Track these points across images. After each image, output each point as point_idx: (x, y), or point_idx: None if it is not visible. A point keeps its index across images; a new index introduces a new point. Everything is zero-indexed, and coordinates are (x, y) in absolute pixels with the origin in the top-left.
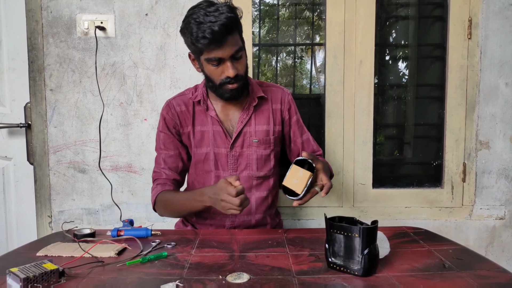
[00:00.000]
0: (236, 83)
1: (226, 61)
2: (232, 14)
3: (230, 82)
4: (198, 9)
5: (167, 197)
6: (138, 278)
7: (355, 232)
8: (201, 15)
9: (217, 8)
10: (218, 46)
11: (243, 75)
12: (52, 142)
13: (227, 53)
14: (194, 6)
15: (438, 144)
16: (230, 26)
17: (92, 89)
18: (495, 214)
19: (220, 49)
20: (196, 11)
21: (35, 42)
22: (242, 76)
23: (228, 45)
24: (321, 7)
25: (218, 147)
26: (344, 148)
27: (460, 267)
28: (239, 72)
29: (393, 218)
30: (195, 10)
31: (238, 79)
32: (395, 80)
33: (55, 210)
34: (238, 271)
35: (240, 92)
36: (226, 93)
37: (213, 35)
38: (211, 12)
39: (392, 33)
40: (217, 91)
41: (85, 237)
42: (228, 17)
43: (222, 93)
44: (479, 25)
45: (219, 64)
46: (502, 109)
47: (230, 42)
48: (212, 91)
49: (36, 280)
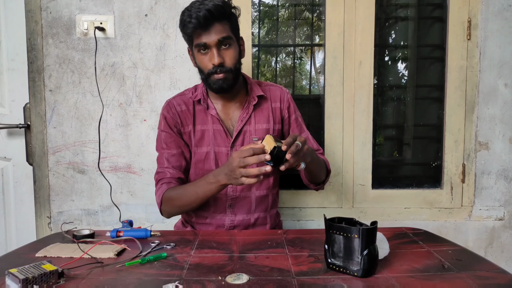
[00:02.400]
0: (222, 73)
1: (212, 48)
2: (220, 3)
3: (216, 71)
4: (193, 2)
5: (175, 192)
6: (137, 279)
7: (355, 233)
8: (194, 5)
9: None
10: (203, 30)
11: (231, 67)
12: (51, 143)
13: (212, 38)
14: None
15: (437, 145)
16: (217, 13)
17: (92, 89)
18: (495, 215)
19: (206, 34)
20: (192, 3)
21: (35, 42)
22: (230, 67)
23: (214, 31)
24: (321, 8)
25: (219, 146)
26: (344, 149)
27: (459, 268)
28: (226, 63)
29: (393, 219)
30: (192, 2)
31: (225, 70)
32: (395, 81)
33: (54, 211)
34: (238, 272)
35: (229, 84)
36: (214, 83)
37: (198, 19)
38: (203, 1)
39: (392, 34)
40: (207, 82)
41: (84, 238)
42: (215, 5)
43: (210, 83)
44: (479, 26)
45: (206, 51)
46: (502, 110)
47: (216, 28)
48: (204, 84)
49: (35, 281)
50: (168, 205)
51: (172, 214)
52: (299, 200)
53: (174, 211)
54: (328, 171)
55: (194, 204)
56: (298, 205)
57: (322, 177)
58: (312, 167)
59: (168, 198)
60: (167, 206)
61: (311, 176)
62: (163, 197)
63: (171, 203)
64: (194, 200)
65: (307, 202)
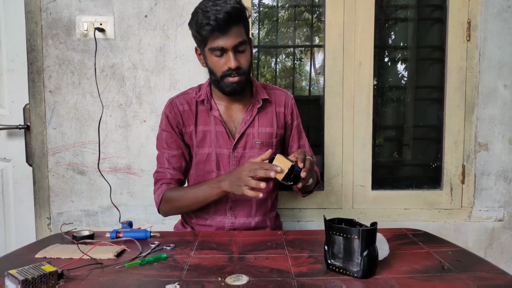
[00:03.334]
0: (237, 76)
1: (229, 52)
2: (238, 6)
3: (232, 74)
4: (206, 1)
5: (176, 194)
6: (137, 280)
7: (355, 234)
8: (208, 5)
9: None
10: (222, 34)
11: (245, 70)
12: (51, 144)
13: (230, 42)
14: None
15: (437, 146)
16: (235, 16)
17: (91, 90)
18: (494, 216)
19: (224, 37)
20: (204, 2)
21: (35, 43)
22: (245, 70)
23: (232, 34)
24: (320, 9)
25: (220, 147)
26: (344, 150)
27: (459, 269)
28: (241, 65)
29: (392, 220)
30: (203, 1)
31: (240, 73)
32: (394, 82)
33: (54, 211)
34: (237, 273)
35: (242, 87)
36: (227, 86)
37: (217, 21)
38: (218, 2)
39: (391, 35)
40: (219, 84)
41: (84, 239)
42: (234, 7)
43: (223, 86)
44: (478, 27)
45: (222, 54)
46: (501, 111)
47: (234, 31)
48: (214, 86)
49: (34, 282)
50: (167, 205)
51: (170, 214)
52: (299, 201)
53: (173, 212)
54: (318, 181)
55: (194, 206)
56: (298, 206)
57: (312, 187)
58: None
59: (168, 199)
60: (166, 206)
61: (304, 187)
62: (162, 197)
63: (171, 204)
64: (194, 203)
65: (307, 203)
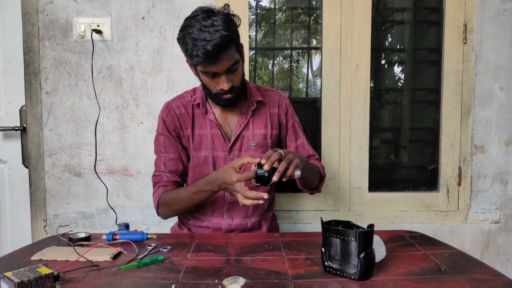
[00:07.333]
0: (230, 94)
1: (221, 75)
2: (226, 33)
3: (226, 93)
4: (194, 21)
5: (171, 196)
6: (133, 282)
7: (351, 236)
8: (196, 30)
9: (212, 22)
10: (213, 64)
11: (238, 86)
12: (47, 145)
13: (222, 68)
14: (191, 16)
15: (433, 148)
16: (225, 45)
17: (88, 92)
18: (490, 218)
19: (215, 65)
20: (192, 24)
21: (31, 45)
22: (238, 86)
23: (223, 61)
24: (318, 11)
25: (217, 150)
26: (340, 152)
27: (455, 271)
28: (234, 84)
29: (389, 222)
30: (191, 22)
31: (233, 90)
32: (391, 84)
33: (50, 213)
34: (234, 275)
35: (236, 100)
36: (221, 101)
37: (207, 54)
38: (206, 27)
39: (388, 37)
40: (213, 99)
41: (80, 241)
42: (222, 36)
43: (217, 101)
44: (474, 30)
45: (214, 77)
46: (497, 114)
47: (225, 58)
48: (210, 98)
49: (30, 285)
50: (164, 208)
51: (169, 216)
52: (296, 203)
53: (171, 214)
54: (322, 176)
55: (191, 207)
56: (295, 208)
57: (316, 182)
58: (305, 174)
59: (164, 202)
60: (164, 209)
61: (304, 182)
62: (159, 200)
63: (168, 206)
64: (190, 204)
65: (304, 205)
